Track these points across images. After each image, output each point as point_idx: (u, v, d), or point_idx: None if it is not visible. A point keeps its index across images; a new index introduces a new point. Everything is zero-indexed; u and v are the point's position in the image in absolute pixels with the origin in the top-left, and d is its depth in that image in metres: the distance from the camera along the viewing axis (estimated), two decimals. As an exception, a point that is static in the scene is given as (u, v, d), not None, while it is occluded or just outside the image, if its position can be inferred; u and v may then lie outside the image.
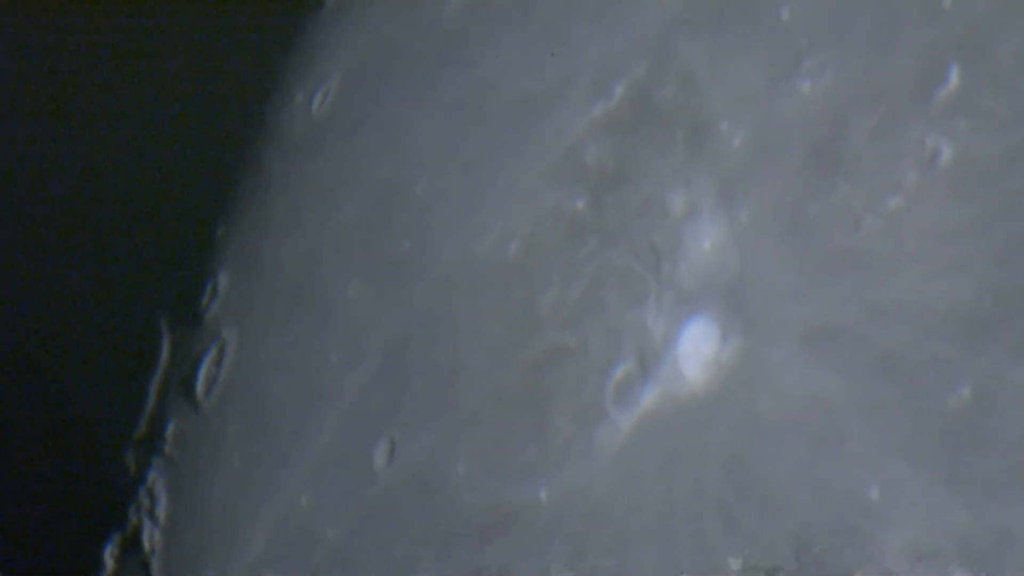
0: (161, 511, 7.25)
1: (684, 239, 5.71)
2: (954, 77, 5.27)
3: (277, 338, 6.92)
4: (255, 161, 7.49)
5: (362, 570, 6.18)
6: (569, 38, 6.33)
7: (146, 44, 9.09)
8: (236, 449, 6.91)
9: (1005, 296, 4.98)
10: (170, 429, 7.37)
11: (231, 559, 6.69)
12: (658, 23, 6.09)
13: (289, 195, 7.20)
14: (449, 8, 6.91)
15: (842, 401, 5.17)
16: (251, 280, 7.17)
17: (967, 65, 5.27)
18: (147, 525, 7.29)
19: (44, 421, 8.70)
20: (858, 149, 5.41)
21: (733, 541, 5.21)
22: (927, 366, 5.05)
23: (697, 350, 5.58)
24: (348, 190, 6.84)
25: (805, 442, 5.20)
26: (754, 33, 5.83)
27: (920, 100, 5.32)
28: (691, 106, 5.88)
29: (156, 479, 7.35)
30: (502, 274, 6.13)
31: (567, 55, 6.29)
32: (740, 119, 5.73)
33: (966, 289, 5.07)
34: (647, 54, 6.06)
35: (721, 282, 5.59)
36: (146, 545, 7.26)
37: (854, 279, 5.28)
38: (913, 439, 5.01)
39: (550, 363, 5.88)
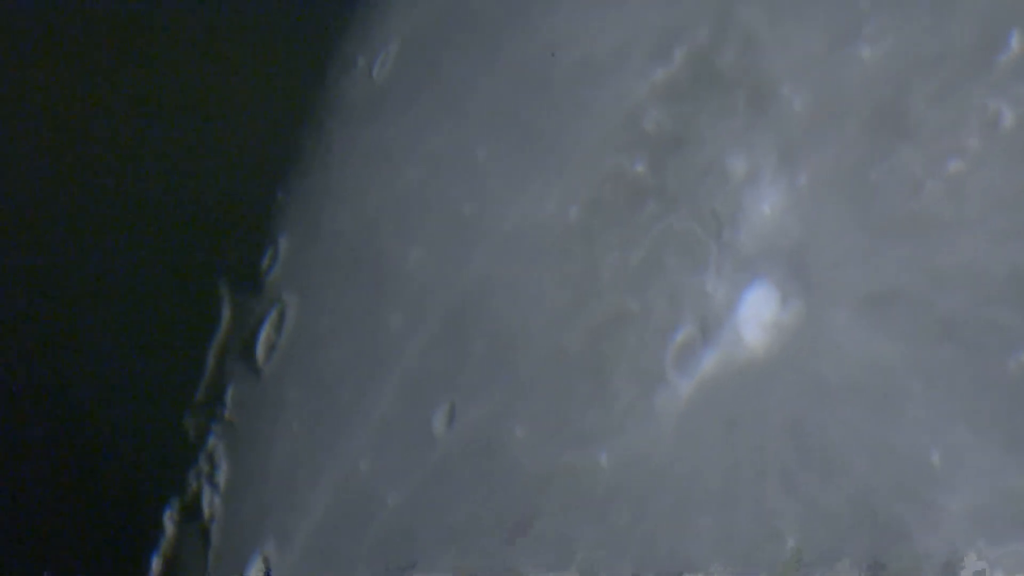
0: (221, 476, 7.29)
1: (745, 203, 5.70)
2: (1015, 42, 5.25)
3: (337, 302, 6.94)
4: (316, 127, 7.51)
5: (422, 535, 6.21)
6: (630, 3, 6.32)
7: (208, 11, 9.12)
8: (296, 414, 6.94)
9: (1066, 261, 4.98)
10: (230, 394, 7.41)
11: (292, 525, 6.72)
12: (719, -13, 6.09)
13: (350, 160, 7.22)
14: (510, -27, 6.91)
15: (903, 365, 5.17)
16: (312, 245, 7.20)
17: (1029, 30, 5.26)
18: (207, 490, 7.33)
19: (105, 386, 8.76)
20: (919, 114, 5.40)
21: (794, 505, 5.21)
22: (987, 331, 5.05)
23: (757, 314, 5.58)
24: (409, 155, 6.85)
25: (866, 406, 5.20)
26: (816, -3, 5.82)
27: (982, 65, 5.31)
28: (752, 70, 5.87)
29: (216, 444, 7.40)
30: (563, 238, 6.13)
31: (628, 20, 6.28)
32: (801, 83, 5.72)
33: (1027, 254, 5.06)
34: (708, 19, 6.05)
35: (782, 246, 5.58)
36: (206, 511, 7.31)
37: (915, 244, 5.27)
38: (973, 404, 5.00)
39: (611, 327, 5.88)
